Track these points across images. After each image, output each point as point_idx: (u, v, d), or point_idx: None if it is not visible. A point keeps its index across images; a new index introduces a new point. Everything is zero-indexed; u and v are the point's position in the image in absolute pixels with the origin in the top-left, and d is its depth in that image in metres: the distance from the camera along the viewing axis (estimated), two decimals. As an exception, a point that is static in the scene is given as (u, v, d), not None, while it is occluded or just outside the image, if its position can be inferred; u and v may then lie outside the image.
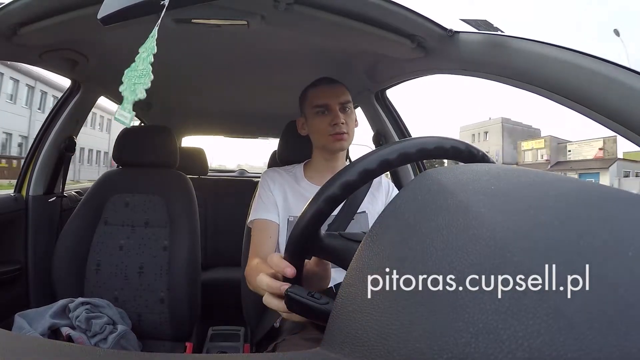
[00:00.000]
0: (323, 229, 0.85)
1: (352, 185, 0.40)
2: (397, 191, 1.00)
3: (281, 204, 0.92)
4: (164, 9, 0.51)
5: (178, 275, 1.11)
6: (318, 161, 0.97)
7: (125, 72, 0.50)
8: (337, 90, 0.93)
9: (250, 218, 0.93)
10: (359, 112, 1.48)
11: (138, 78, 0.48)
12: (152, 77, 0.47)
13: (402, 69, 1.08)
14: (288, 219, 0.91)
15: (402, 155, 0.41)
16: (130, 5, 0.53)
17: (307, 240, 0.43)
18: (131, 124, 0.51)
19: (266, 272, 0.62)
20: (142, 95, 0.47)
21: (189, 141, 2.52)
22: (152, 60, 0.48)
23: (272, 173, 0.97)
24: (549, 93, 0.63)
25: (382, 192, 0.98)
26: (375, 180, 0.89)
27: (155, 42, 0.49)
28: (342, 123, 0.89)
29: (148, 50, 0.49)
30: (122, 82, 0.50)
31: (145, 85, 0.47)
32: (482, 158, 0.44)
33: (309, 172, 0.98)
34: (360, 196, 0.93)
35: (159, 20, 0.50)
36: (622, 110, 0.53)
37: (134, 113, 0.48)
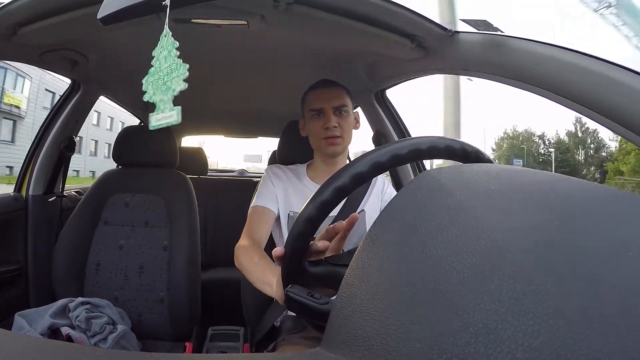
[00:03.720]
0: (324, 229, 0.85)
1: (344, 190, 0.40)
2: (392, 188, 1.01)
3: (282, 199, 0.93)
4: (166, 9, 0.51)
5: (178, 275, 1.11)
6: (318, 163, 0.98)
7: (145, 80, 0.49)
8: (333, 94, 0.93)
9: (251, 205, 0.94)
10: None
11: (168, 75, 0.47)
12: (187, 66, 0.45)
13: (402, 69, 1.08)
14: (288, 214, 0.92)
15: (394, 157, 0.40)
16: (130, 5, 0.53)
17: (303, 243, 0.43)
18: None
19: (269, 271, 0.63)
20: (182, 86, 0.45)
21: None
22: (178, 53, 0.47)
23: (275, 169, 0.99)
24: (549, 93, 0.63)
25: (377, 190, 0.98)
26: None
27: (172, 38, 0.48)
28: (335, 127, 0.90)
29: (167, 47, 0.48)
30: (144, 92, 0.48)
31: (183, 75, 0.45)
32: (477, 155, 0.43)
33: (311, 172, 0.99)
34: (359, 196, 0.93)
35: (166, 19, 0.50)
36: (622, 110, 0.54)
37: (180, 107, 0.45)
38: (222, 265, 1.83)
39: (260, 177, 1.38)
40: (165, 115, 0.46)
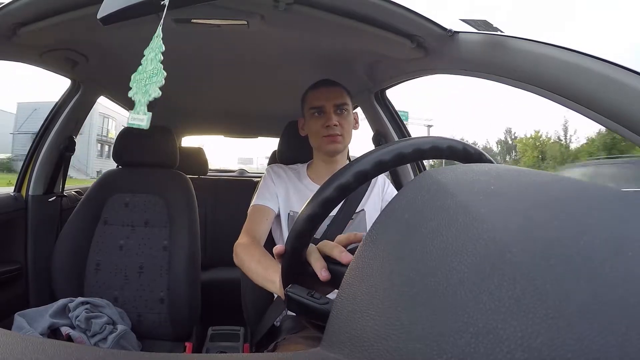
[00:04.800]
0: (323, 228, 0.85)
1: (347, 187, 0.40)
2: (393, 187, 1.01)
3: (282, 198, 0.93)
4: (165, 9, 0.51)
5: (178, 275, 1.11)
6: (318, 163, 0.98)
7: (133, 76, 0.49)
8: (333, 92, 0.93)
9: (251, 205, 0.94)
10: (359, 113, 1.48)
11: (149, 78, 0.48)
12: (165, 74, 0.46)
13: (402, 69, 1.08)
14: (289, 214, 0.92)
15: (398, 155, 0.41)
16: (130, 5, 0.53)
17: (304, 241, 0.43)
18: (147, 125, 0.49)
19: (272, 268, 0.63)
20: (156, 94, 0.46)
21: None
22: (162, 58, 0.48)
23: (276, 168, 0.99)
24: (549, 93, 0.63)
25: (378, 189, 0.98)
26: None
27: (161, 41, 0.49)
28: (336, 125, 0.90)
29: (155, 50, 0.49)
30: (130, 88, 0.49)
31: (159, 83, 0.46)
32: (479, 157, 0.44)
33: (311, 172, 0.99)
34: (359, 196, 0.93)
35: (162, 20, 0.50)
36: (622, 110, 0.53)
37: (150, 114, 0.46)
38: (222, 265, 1.83)
39: (259, 177, 1.38)
40: (138, 117, 0.47)
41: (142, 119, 0.46)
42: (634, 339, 0.14)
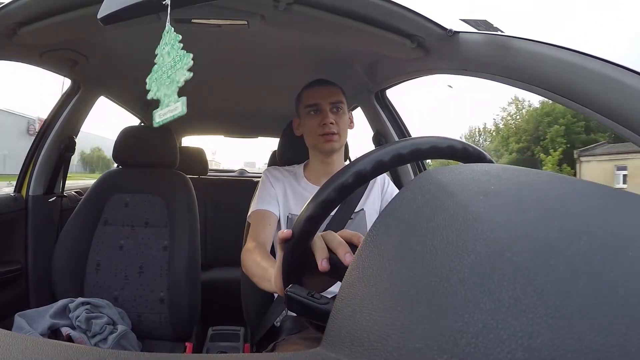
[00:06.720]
0: (322, 228, 0.85)
1: (348, 187, 0.40)
2: (393, 185, 1.01)
3: (281, 201, 0.93)
4: (167, 9, 0.51)
5: (178, 275, 1.11)
6: (315, 163, 0.98)
7: (148, 79, 0.48)
8: (329, 91, 0.93)
9: (251, 210, 0.93)
10: (358, 113, 1.48)
11: (172, 67, 0.46)
12: (191, 55, 0.45)
13: (402, 69, 1.08)
14: (287, 217, 0.92)
15: (396, 156, 0.41)
16: (130, 5, 0.53)
17: (305, 241, 0.43)
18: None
19: (271, 267, 0.63)
20: (186, 76, 0.45)
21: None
22: (182, 44, 0.47)
23: (273, 171, 0.99)
24: (549, 93, 0.63)
25: (377, 188, 0.98)
26: None
27: (174, 33, 0.48)
28: (332, 123, 0.90)
29: (170, 42, 0.48)
30: (148, 90, 0.48)
31: (187, 64, 0.45)
32: (478, 156, 0.44)
33: (307, 172, 0.99)
34: (358, 195, 0.93)
35: (167, 18, 0.50)
36: (622, 110, 0.53)
37: (184, 98, 0.44)
38: (222, 265, 1.83)
39: (259, 176, 1.38)
40: (170, 109, 0.46)
41: (176, 108, 0.45)
42: (634, 339, 0.14)
